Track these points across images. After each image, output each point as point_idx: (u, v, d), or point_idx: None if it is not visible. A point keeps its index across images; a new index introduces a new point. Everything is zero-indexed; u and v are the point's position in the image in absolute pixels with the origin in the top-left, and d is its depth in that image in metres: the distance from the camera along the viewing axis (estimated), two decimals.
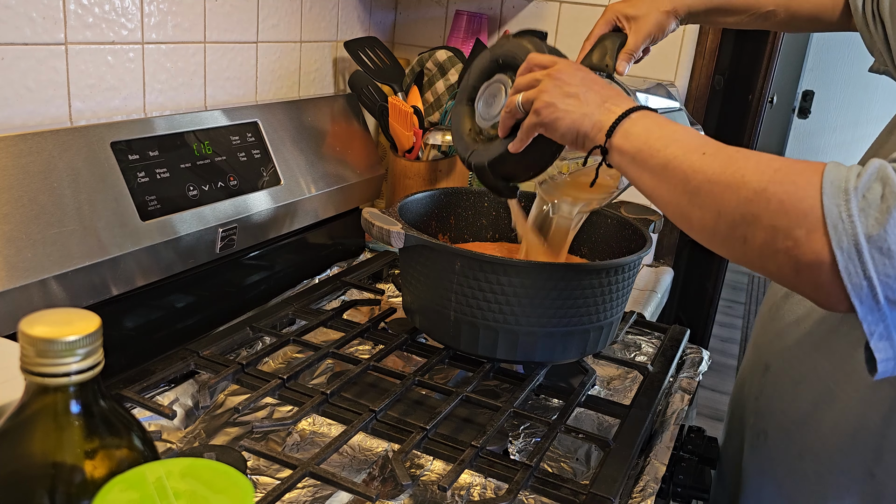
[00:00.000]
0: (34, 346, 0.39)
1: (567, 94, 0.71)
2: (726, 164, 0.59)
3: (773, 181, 0.56)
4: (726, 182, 0.58)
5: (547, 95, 0.72)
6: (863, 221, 0.52)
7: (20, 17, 0.81)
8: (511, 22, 1.47)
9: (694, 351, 1.10)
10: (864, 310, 0.54)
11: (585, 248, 1.08)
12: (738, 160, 0.59)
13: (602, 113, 0.70)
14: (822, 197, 0.53)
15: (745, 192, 0.57)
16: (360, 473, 0.76)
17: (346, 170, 1.24)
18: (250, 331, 0.96)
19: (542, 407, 0.92)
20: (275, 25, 1.20)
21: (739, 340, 3.75)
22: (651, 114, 0.69)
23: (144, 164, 0.89)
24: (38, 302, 0.75)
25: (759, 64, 1.47)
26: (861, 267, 0.52)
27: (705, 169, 0.60)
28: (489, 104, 0.85)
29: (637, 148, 0.66)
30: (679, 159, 0.62)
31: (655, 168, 0.64)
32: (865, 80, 4.69)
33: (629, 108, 0.69)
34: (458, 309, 0.86)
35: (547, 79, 0.73)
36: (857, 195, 0.53)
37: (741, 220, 0.57)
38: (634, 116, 0.68)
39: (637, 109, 0.69)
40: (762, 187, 0.56)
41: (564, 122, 0.71)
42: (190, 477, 0.40)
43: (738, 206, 0.57)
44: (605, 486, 0.72)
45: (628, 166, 0.68)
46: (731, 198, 0.58)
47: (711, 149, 0.62)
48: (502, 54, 0.84)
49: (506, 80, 0.83)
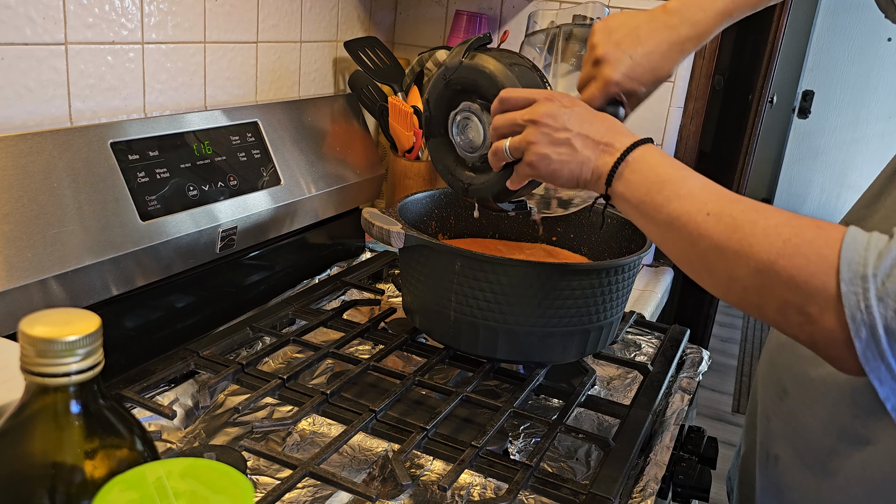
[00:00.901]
0: (34, 346, 0.39)
1: (558, 142, 0.69)
2: (732, 230, 0.57)
3: (783, 254, 0.54)
4: (734, 251, 0.57)
5: (537, 147, 0.70)
6: (882, 313, 0.50)
7: (20, 17, 0.81)
8: (511, 22, 1.47)
9: (694, 351, 1.10)
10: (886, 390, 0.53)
11: (585, 248, 1.08)
12: (744, 226, 0.57)
13: (598, 157, 0.67)
14: (839, 280, 0.51)
15: (754, 262, 0.55)
16: (360, 473, 0.76)
17: (346, 170, 1.24)
18: (250, 331, 0.96)
19: (542, 407, 0.92)
20: (275, 25, 1.20)
21: (739, 340, 3.75)
22: (648, 152, 0.66)
23: (144, 164, 0.89)
24: (38, 302, 0.75)
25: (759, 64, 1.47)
26: (879, 354, 0.51)
27: (711, 234, 0.58)
28: (464, 134, 0.84)
29: (639, 199, 0.64)
30: (683, 220, 0.60)
31: (660, 224, 0.63)
32: (865, 79, 4.69)
33: (626, 149, 0.66)
34: (458, 309, 0.86)
35: (531, 127, 0.70)
36: (875, 282, 0.51)
37: (752, 288, 0.56)
38: (632, 159, 0.66)
39: (634, 147, 0.66)
40: (771, 260, 0.54)
41: (562, 172, 0.69)
42: (190, 477, 0.40)
43: (748, 275, 0.56)
44: (605, 486, 0.72)
45: (633, 214, 0.66)
46: (740, 267, 0.56)
47: (715, 207, 0.59)
48: (458, 80, 0.82)
49: (474, 107, 0.82)
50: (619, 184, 0.66)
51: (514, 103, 0.73)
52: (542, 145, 0.70)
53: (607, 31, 0.80)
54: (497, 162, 0.76)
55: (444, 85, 0.84)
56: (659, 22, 0.80)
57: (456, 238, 1.11)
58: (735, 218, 0.58)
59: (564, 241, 1.11)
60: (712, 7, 0.80)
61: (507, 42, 1.45)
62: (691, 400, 0.96)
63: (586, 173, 0.69)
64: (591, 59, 0.80)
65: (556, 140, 0.69)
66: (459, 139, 0.85)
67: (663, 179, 0.64)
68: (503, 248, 1.09)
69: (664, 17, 0.80)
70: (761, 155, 4.71)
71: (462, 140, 0.84)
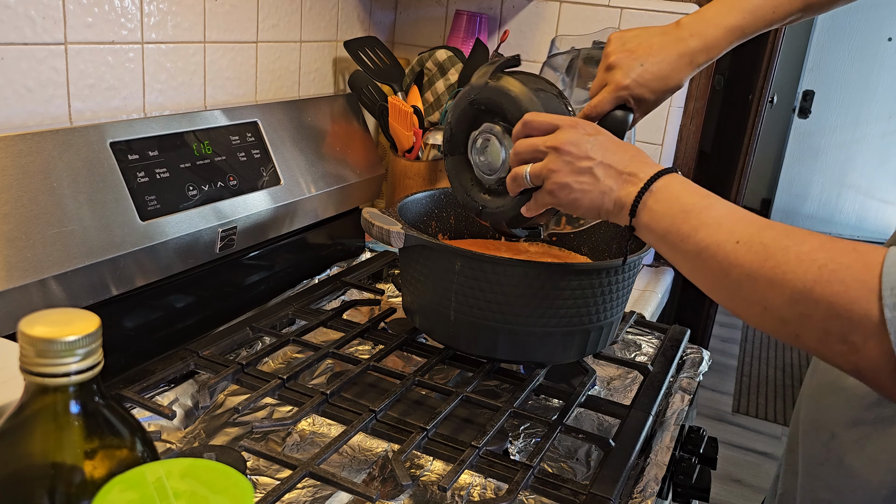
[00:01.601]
0: (34, 346, 0.39)
1: (580, 171, 0.68)
2: (764, 258, 0.55)
3: (819, 281, 0.52)
4: (767, 279, 0.55)
5: (558, 176, 0.69)
6: None
7: (20, 17, 0.81)
8: (511, 22, 1.47)
9: (694, 351, 1.10)
10: None
11: (586, 248, 1.08)
12: (777, 253, 0.55)
13: (621, 187, 0.66)
14: (882, 306, 0.49)
15: (789, 291, 0.53)
16: (360, 474, 0.76)
17: (346, 170, 1.24)
18: (250, 331, 0.96)
19: (542, 407, 0.92)
20: (274, 25, 1.20)
21: (740, 340, 3.75)
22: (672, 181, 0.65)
23: (144, 164, 0.89)
24: (37, 302, 0.75)
25: (759, 64, 1.47)
26: None
27: (742, 263, 0.57)
28: (484, 155, 0.83)
29: (665, 230, 0.63)
30: (712, 249, 0.59)
31: (688, 254, 0.61)
32: (866, 79, 4.69)
33: (649, 179, 0.65)
34: (458, 309, 0.86)
35: (553, 154, 0.69)
36: None
37: (790, 317, 0.54)
38: (656, 189, 0.65)
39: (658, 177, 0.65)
40: (807, 287, 0.52)
41: (583, 202, 0.68)
42: (190, 477, 0.40)
43: (785, 304, 0.54)
44: (606, 486, 0.72)
45: (659, 246, 0.65)
46: (775, 296, 0.54)
47: (744, 235, 0.58)
48: (483, 100, 0.82)
49: (495, 129, 0.81)
50: (643, 214, 0.65)
51: (537, 127, 0.73)
52: (563, 174, 0.68)
53: (622, 40, 0.81)
54: (515, 187, 0.75)
55: (468, 104, 0.83)
56: (671, 35, 0.82)
57: (456, 238, 1.11)
58: (766, 245, 0.56)
59: (564, 241, 1.11)
60: (723, 23, 0.81)
61: (507, 42, 1.45)
62: (691, 400, 0.96)
63: (608, 204, 0.67)
64: (604, 66, 0.81)
65: (578, 169, 0.68)
66: (478, 160, 0.84)
67: (688, 209, 0.63)
68: (503, 248, 1.09)
69: (676, 31, 0.82)
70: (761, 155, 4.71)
71: (481, 161, 0.83)
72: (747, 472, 2.68)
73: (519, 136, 0.75)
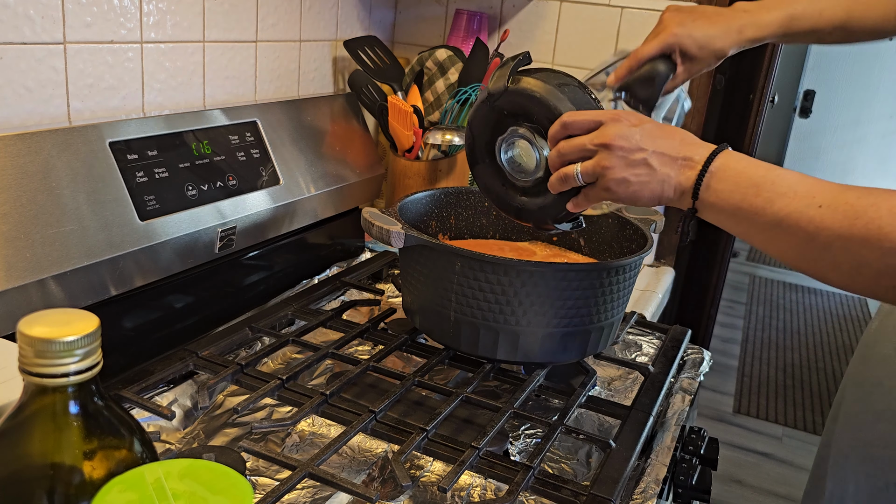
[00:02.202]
0: (33, 346, 0.39)
1: (634, 164, 0.67)
2: (853, 217, 0.56)
3: None
4: (862, 237, 0.55)
5: (614, 172, 0.68)
6: None
7: (19, 17, 0.81)
8: (511, 21, 1.47)
9: (695, 351, 1.09)
10: None
11: (586, 248, 1.08)
12: (867, 210, 0.56)
13: (679, 173, 0.66)
14: None
15: (887, 244, 0.54)
16: (360, 474, 0.75)
17: (345, 169, 1.24)
18: (249, 331, 0.96)
19: (542, 408, 0.92)
20: (274, 24, 1.19)
21: (740, 341, 3.75)
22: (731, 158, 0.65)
23: (143, 164, 0.89)
24: (36, 302, 0.75)
25: (760, 63, 1.46)
26: None
27: (830, 225, 0.57)
28: (516, 159, 0.82)
29: (735, 206, 0.63)
30: (794, 217, 0.59)
31: (766, 226, 0.61)
32: (867, 79, 4.69)
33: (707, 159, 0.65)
34: (458, 309, 0.86)
35: (604, 151, 0.68)
36: None
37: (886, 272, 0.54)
38: (716, 168, 0.64)
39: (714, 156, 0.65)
40: None
41: (643, 194, 0.68)
42: (189, 478, 0.40)
43: (881, 258, 0.54)
44: (606, 487, 0.71)
45: (727, 223, 0.65)
46: (871, 253, 0.55)
47: (826, 199, 0.58)
48: (505, 105, 0.81)
49: (526, 134, 0.80)
50: (707, 195, 0.65)
51: (579, 126, 0.71)
52: (618, 169, 0.68)
53: (676, 8, 0.87)
54: (563, 186, 0.74)
55: (490, 110, 0.82)
56: (724, 11, 0.87)
57: (456, 238, 1.11)
58: (852, 205, 0.57)
59: (565, 241, 1.10)
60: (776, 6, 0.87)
61: (507, 41, 1.45)
62: (692, 401, 0.96)
63: (668, 191, 0.67)
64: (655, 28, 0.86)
65: (632, 162, 0.67)
66: (509, 165, 0.83)
67: (757, 182, 0.62)
68: (503, 248, 1.09)
69: (731, 8, 0.88)
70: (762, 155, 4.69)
71: (512, 166, 0.83)
72: (748, 472, 2.68)
73: (559, 137, 0.73)
